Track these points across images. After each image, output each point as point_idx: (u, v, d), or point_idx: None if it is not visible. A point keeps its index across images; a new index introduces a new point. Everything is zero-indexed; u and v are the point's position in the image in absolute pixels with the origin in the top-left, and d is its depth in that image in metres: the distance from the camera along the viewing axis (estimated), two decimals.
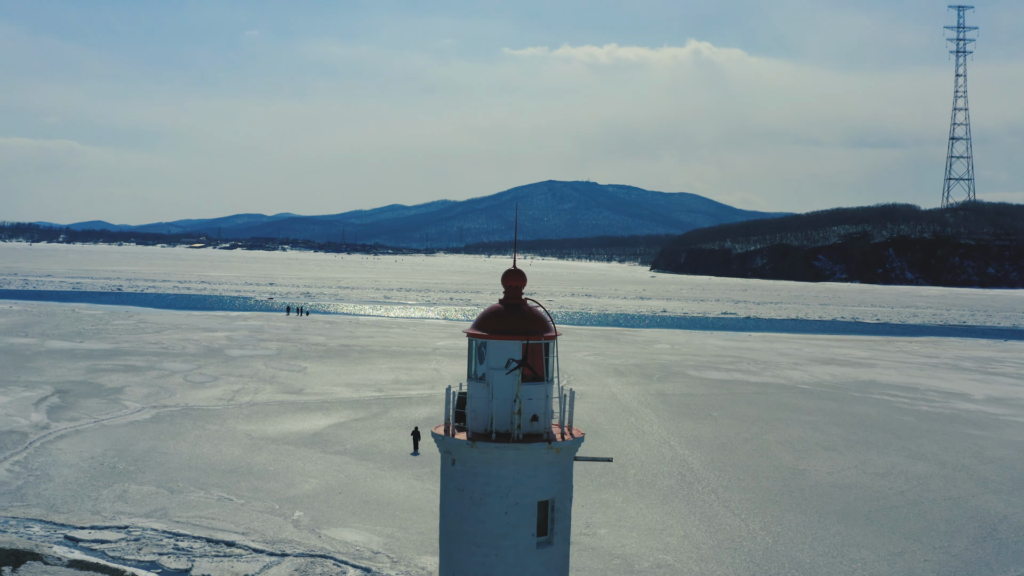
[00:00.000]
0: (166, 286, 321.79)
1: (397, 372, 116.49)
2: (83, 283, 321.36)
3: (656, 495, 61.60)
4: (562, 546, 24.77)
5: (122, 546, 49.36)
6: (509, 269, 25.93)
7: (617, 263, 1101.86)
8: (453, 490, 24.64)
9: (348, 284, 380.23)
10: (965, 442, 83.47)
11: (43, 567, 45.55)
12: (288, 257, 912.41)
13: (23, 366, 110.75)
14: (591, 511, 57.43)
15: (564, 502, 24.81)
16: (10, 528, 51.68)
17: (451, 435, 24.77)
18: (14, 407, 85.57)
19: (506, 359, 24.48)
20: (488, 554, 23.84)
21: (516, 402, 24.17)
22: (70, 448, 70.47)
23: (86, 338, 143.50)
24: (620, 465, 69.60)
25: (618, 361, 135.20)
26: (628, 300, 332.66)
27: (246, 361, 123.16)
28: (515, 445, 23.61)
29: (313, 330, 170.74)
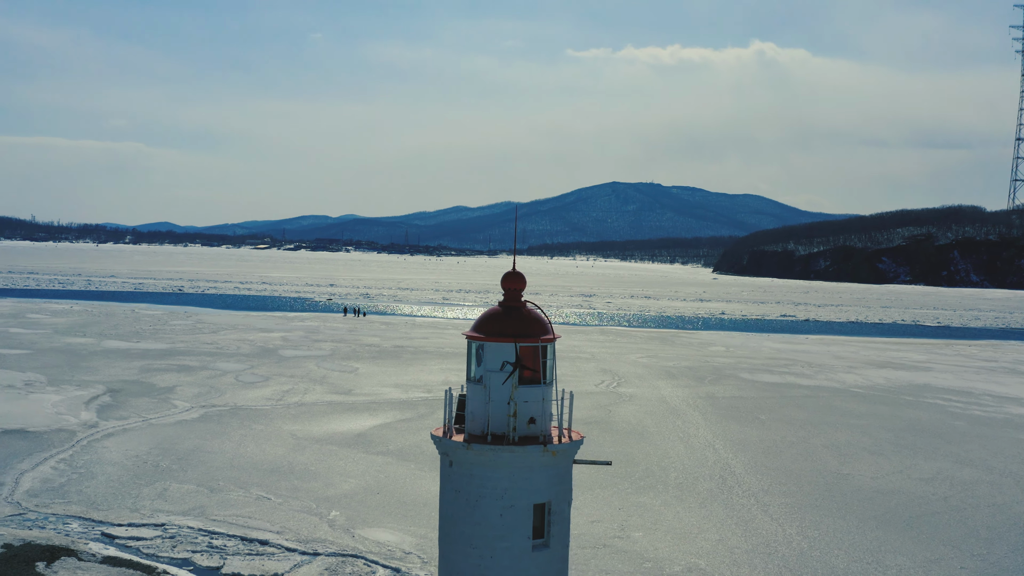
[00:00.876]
0: (227, 287, 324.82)
1: (448, 373, 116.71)
2: (145, 284, 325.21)
3: (695, 498, 61.24)
4: (559, 549, 24.66)
5: (157, 543, 49.89)
6: (508, 271, 25.92)
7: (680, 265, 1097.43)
8: (450, 492, 24.65)
9: (407, 285, 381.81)
10: (1015, 448, 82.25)
11: (76, 563, 46.13)
12: (351, 258, 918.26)
13: (78, 365, 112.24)
14: (627, 514, 57.21)
15: (562, 505, 24.66)
16: (49, 524, 52.42)
17: (449, 437, 24.76)
18: (65, 406, 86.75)
19: (501, 361, 24.47)
20: (484, 556, 23.81)
21: (510, 404, 24.13)
22: (116, 446, 71.32)
23: (143, 338, 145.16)
24: (662, 468, 69.34)
25: (671, 363, 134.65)
26: (687, 302, 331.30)
27: (299, 361, 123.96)
28: (510, 447, 23.57)
29: (368, 331, 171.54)
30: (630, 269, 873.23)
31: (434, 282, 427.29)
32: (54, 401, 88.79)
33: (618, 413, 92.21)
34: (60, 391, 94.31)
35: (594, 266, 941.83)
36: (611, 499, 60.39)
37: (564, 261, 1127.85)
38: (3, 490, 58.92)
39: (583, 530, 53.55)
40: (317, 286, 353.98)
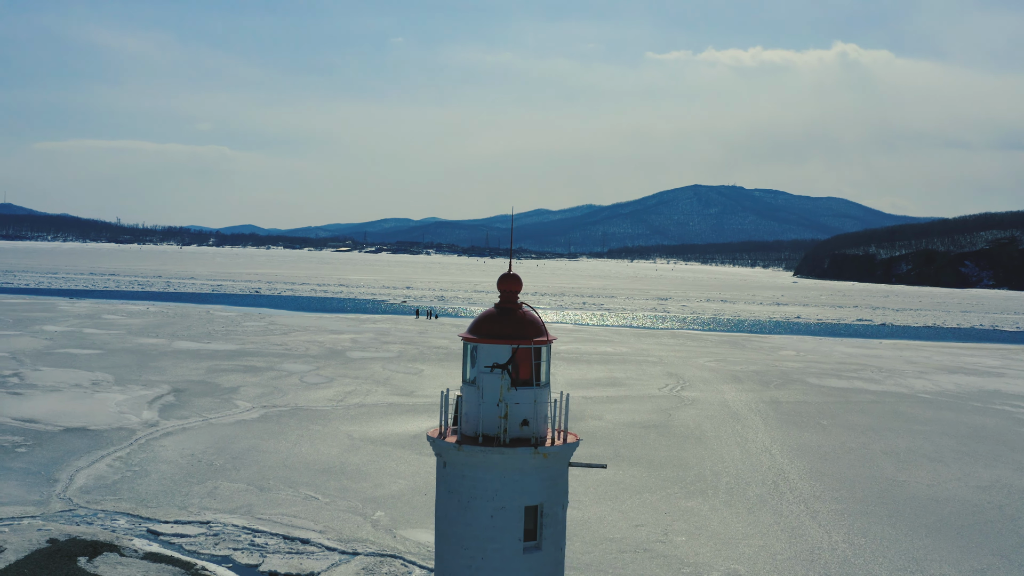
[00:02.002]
0: (304, 289, 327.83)
1: None
2: (223, 285, 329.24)
3: (743, 504, 60.69)
4: (552, 552, 24.52)
5: (200, 541, 50.48)
6: (504, 273, 25.90)
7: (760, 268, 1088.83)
8: (444, 492, 24.68)
9: (483, 288, 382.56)
10: None
11: (118, 558, 46.80)
12: (431, 261, 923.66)
13: (146, 365, 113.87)
14: (672, 519, 56.85)
15: (555, 507, 24.53)
16: (96, 520, 53.25)
17: (443, 438, 24.77)
18: (128, 405, 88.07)
19: (492, 363, 24.44)
20: (475, 557, 23.78)
21: (500, 406, 24.08)
22: (173, 445, 72.27)
23: (213, 339, 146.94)
24: (714, 473, 68.82)
25: (738, 367, 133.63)
26: (764, 306, 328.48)
27: (365, 363, 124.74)
28: (500, 449, 23.52)
29: (438, 333, 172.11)
30: (710, 272, 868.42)
31: None
32: (118, 400, 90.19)
33: (678, 417, 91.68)
34: (125, 390, 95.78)
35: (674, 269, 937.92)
36: (658, 504, 60.07)
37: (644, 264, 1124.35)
38: (57, 486, 59.95)
39: (625, 534, 53.36)
40: (393, 288, 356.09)
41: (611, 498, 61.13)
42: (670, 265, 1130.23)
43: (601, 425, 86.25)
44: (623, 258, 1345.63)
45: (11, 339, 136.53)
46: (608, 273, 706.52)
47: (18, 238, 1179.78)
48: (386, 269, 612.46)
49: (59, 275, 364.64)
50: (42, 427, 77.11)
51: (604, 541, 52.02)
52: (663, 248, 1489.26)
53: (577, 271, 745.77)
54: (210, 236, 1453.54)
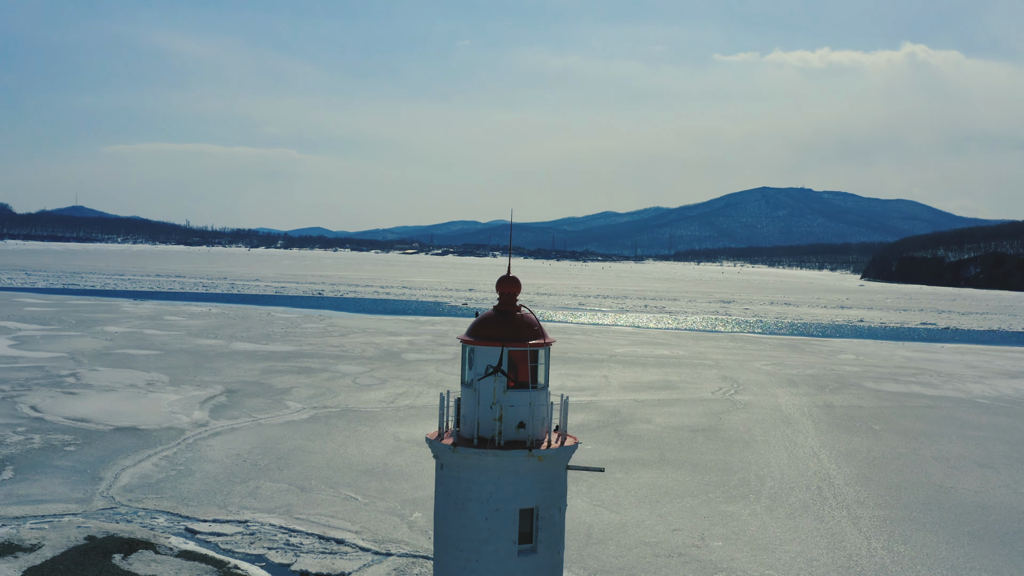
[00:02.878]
0: (366, 291, 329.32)
1: (565, 378, 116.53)
2: (287, 287, 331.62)
3: (785, 509, 60.08)
4: (548, 555, 24.34)
5: (236, 539, 50.84)
6: (503, 276, 25.75)
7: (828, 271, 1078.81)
8: (441, 494, 24.64)
9: (546, 290, 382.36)
10: None
11: (153, 556, 47.26)
12: (497, 263, 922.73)
13: (202, 366, 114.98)
14: (711, 523, 56.41)
15: (551, 511, 24.32)
16: (136, 519, 53.82)
17: (441, 440, 24.71)
18: (180, 405, 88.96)
19: (486, 366, 24.34)
20: (470, 559, 23.70)
21: (493, 407, 23.99)
22: (220, 445, 72.88)
23: (271, 340, 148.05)
24: (759, 478, 68.23)
25: (795, 371, 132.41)
26: (827, 309, 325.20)
27: (419, 365, 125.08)
28: (494, 451, 23.41)
29: None
30: (776, 275, 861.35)
31: (573, 287, 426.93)
32: (171, 400, 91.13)
33: (728, 421, 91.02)
34: (179, 391, 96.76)
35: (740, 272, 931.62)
36: (698, 508, 59.64)
37: (710, 267, 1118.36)
38: (101, 485, 60.68)
39: (661, 538, 53.03)
40: (456, 291, 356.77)
41: (651, 502, 60.79)
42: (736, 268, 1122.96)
43: (649, 428, 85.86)
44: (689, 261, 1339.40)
45: (72, 340, 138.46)
46: (673, 276, 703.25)
47: (89, 240, 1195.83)
48: (450, 271, 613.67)
49: (125, 277, 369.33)
50: (93, 426, 78.10)
51: (640, 545, 51.72)
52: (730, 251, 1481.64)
53: (642, 274, 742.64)
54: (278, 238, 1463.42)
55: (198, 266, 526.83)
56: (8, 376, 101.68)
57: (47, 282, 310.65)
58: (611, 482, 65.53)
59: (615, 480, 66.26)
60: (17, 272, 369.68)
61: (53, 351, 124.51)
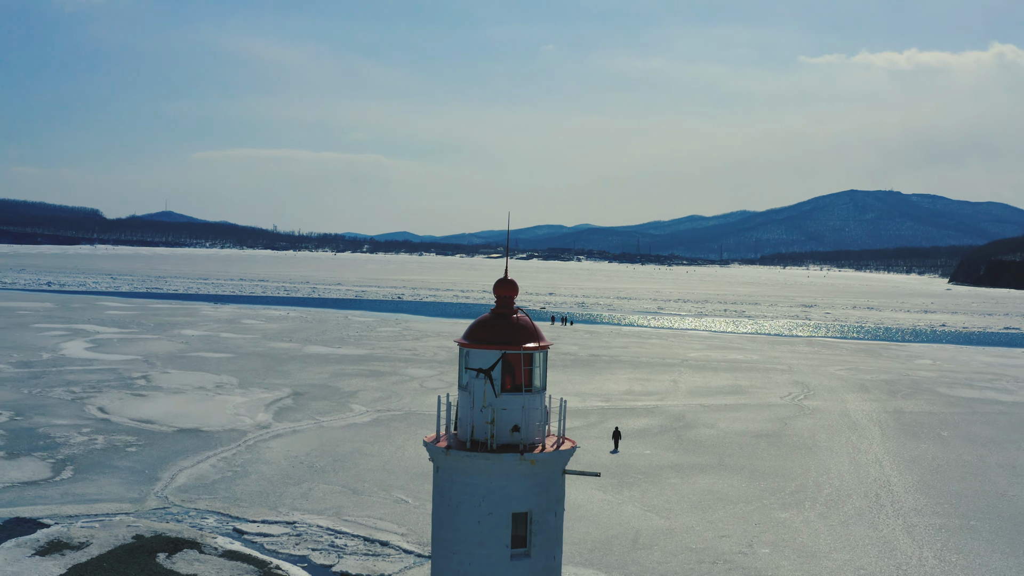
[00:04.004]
0: (446, 295, 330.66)
1: (633, 383, 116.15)
2: (367, 292, 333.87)
3: (839, 517, 59.27)
4: (543, 560, 24.20)
5: (282, 540, 51.31)
6: (500, 279, 25.77)
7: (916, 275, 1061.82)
8: (437, 496, 24.68)
9: (627, 294, 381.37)
10: None
11: (197, 555, 47.84)
12: (580, 267, 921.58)
13: (273, 369, 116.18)
14: (761, 529, 55.81)
15: (545, 515, 24.19)
16: (187, 518, 54.53)
17: (437, 442, 24.73)
18: (245, 407, 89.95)
19: (477, 368, 24.33)
20: (463, 562, 23.69)
21: (484, 410, 23.97)
22: (279, 447, 73.61)
23: (345, 344, 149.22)
24: (816, 484, 67.43)
25: (868, 376, 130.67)
26: (910, 314, 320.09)
27: None
28: (485, 455, 23.38)
29: (570, 339, 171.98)
30: (863, 279, 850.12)
31: (655, 291, 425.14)
32: (236, 403, 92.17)
33: (793, 426, 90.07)
34: (246, 394, 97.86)
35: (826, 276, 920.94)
36: (750, 514, 59.05)
37: (796, 271, 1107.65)
38: (157, 485, 61.57)
39: (708, 544, 52.60)
40: (536, 295, 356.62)
41: (703, 508, 60.32)
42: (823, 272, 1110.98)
43: (711, 434, 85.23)
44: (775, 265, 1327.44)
45: (148, 343, 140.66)
46: (757, 280, 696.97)
47: (177, 245, 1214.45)
48: (533, 275, 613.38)
49: (209, 280, 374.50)
50: (157, 428, 79.27)
51: (685, 551, 51.33)
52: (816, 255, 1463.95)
53: (726, 278, 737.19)
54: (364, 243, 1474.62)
55: (282, 270, 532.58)
56: (80, 378, 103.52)
57: (131, 286, 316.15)
58: (665, 487, 65.18)
59: (669, 485, 65.88)
60: (103, 276, 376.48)
61: (128, 354, 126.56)
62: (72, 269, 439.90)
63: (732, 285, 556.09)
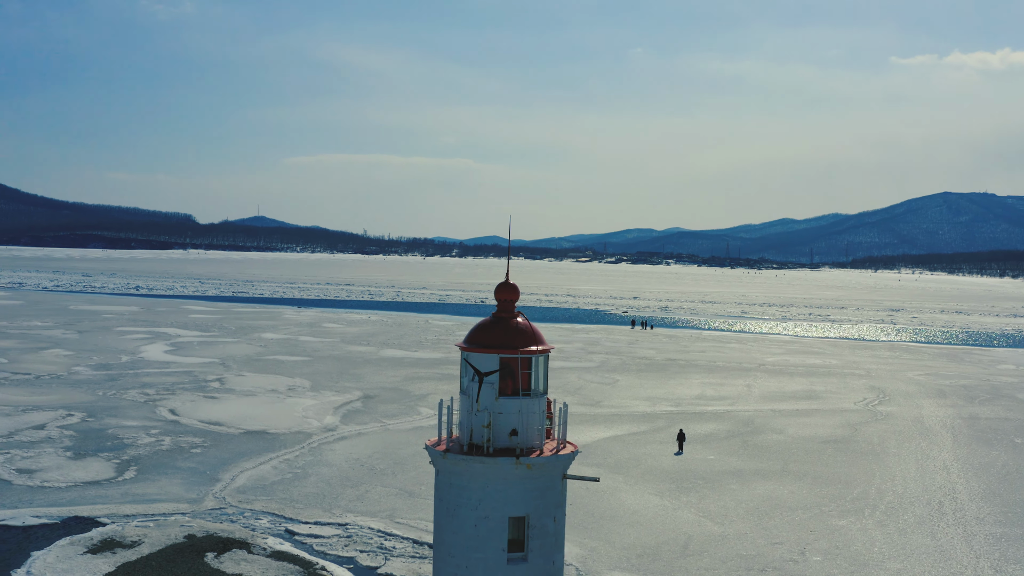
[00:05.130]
0: (530, 299, 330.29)
1: (706, 387, 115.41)
2: (451, 296, 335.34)
3: (897, 525, 58.35)
4: (540, 564, 24.13)
5: (332, 542, 51.75)
6: (501, 283, 25.77)
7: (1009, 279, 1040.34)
8: (437, 499, 24.83)
9: (711, 298, 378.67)
10: None
11: (245, 555, 48.44)
12: (668, 271, 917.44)
13: (347, 372, 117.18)
14: (816, 537, 55.13)
15: (543, 520, 24.13)
16: (241, 519, 55.23)
17: (438, 446, 24.81)
18: (314, 410, 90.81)
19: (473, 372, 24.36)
20: (460, 565, 23.75)
21: (479, 414, 23.99)
22: (342, 449, 74.26)
23: (422, 347, 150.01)
24: (879, 491, 66.47)
25: (947, 382, 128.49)
26: (999, 318, 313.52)
27: (562, 373, 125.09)
28: (480, 458, 23.42)
29: (648, 343, 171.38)
30: (954, 283, 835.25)
31: (740, 295, 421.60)
32: (306, 406, 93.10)
33: (863, 432, 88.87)
34: (317, 396, 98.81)
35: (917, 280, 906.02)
36: (807, 522, 58.36)
37: (887, 275, 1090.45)
38: (216, 486, 62.41)
39: (759, 551, 52.09)
40: (620, 298, 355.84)
41: (760, 514, 59.74)
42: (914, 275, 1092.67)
43: (779, 439, 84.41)
44: (866, 268, 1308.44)
45: (227, 346, 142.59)
46: (846, 284, 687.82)
47: (268, 249, 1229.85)
48: (619, 279, 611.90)
49: (295, 285, 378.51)
50: (224, 429, 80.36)
51: (735, 558, 50.89)
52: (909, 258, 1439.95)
53: (815, 281, 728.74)
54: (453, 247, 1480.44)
55: (369, 274, 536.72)
56: (156, 380, 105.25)
57: (217, 290, 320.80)
58: (723, 493, 64.68)
59: (728, 491, 65.36)
60: (191, 280, 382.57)
61: (205, 356, 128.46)
62: (162, 273, 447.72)
63: (820, 289, 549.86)
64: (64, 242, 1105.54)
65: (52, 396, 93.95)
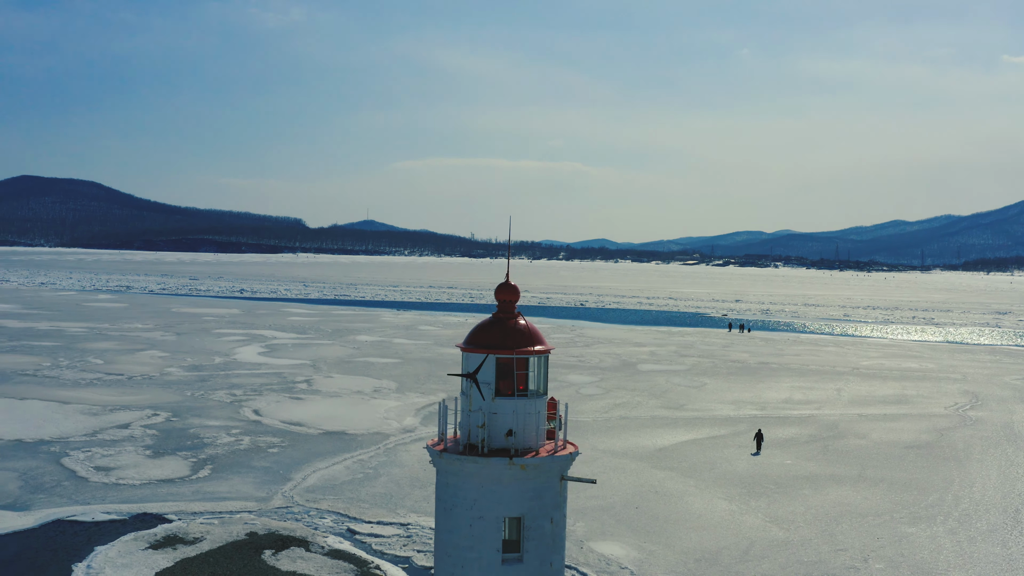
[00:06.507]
0: (630, 302, 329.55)
1: (793, 391, 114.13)
2: (552, 298, 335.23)
3: (968, 533, 57.16)
4: (537, 566, 24.07)
5: (390, 541, 52.26)
6: (502, 283, 25.83)
7: None
8: (437, 499, 24.99)
9: (814, 302, 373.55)
10: None
11: (302, 553, 49.18)
12: (776, 274, 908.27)
13: (433, 375, 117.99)
14: (881, 544, 54.27)
15: (539, 521, 24.07)
16: (305, 518, 56.08)
17: (437, 446, 24.97)
18: (395, 411, 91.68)
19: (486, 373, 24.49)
20: (456, 564, 23.85)
21: (473, 414, 24.09)
22: (416, 450, 74.94)
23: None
24: (955, 498, 65.21)
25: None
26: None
27: (650, 376, 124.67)
28: (474, 458, 23.50)
29: (743, 347, 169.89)
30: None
31: (845, 298, 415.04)
32: (388, 407, 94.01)
33: (949, 438, 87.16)
34: (401, 398, 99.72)
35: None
36: (875, 528, 57.45)
37: (1000, 277, 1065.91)
38: (287, 485, 63.39)
39: (822, 558, 51.48)
40: (722, 302, 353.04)
41: (828, 520, 58.98)
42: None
43: (860, 444, 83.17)
44: (979, 270, 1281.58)
45: (320, 348, 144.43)
46: (955, 286, 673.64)
47: (377, 253, 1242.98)
48: (724, 282, 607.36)
49: (398, 287, 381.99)
50: (304, 430, 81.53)
51: (794, 564, 50.34)
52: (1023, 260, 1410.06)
53: (923, 284, 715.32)
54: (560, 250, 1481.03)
55: (473, 277, 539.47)
56: (244, 382, 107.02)
57: (320, 293, 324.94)
58: (794, 498, 63.98)
59: (800, 496, 64.62)
60: (295, 283, 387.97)
61: (297, 358, 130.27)
62: (268, 277, 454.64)
63: (928, 292, 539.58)
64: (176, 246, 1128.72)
65: (141, 396, 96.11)
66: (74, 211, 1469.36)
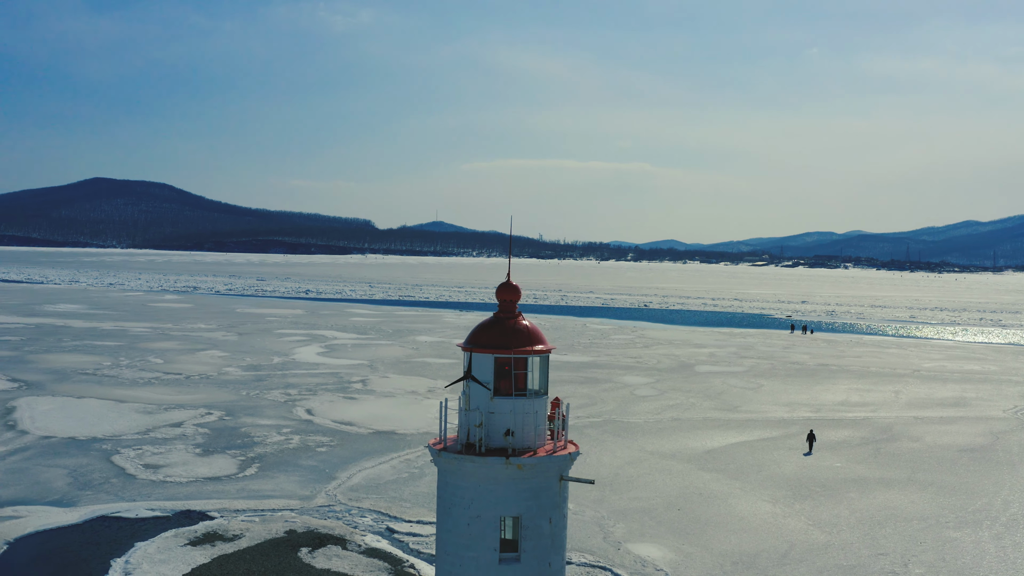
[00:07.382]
0: (695, 304, 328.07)
1: (850, 393, 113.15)
2: (616, 299, 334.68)
3: (1014, 539, 56.33)
4: (534, 566, 24.20)
5: (428, 540, 52.59)
6: (503, 283, 26.00)
7: None
8: (437, 498, 25.23)
9: (881, 303, 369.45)
10: None
11: (338, 551, 49.68)
12: (845, 275, 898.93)
13: None
14: (923, 548, 53.72)
15: (537, 520, 24.19)
16: (346, 516, 56.59)
17: (437, 445, 25.21)
18: (436, 412, 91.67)
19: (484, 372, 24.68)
20: (454, 563, 24.07)
21: (470, 413, 24.27)
22: None
23: (571, 351, 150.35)
24: (1004, 502, 64.33)
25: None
26: None
27: (707, 377, 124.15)
28: (471, 458, 23.70)
29: (804, 348, 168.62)
30: None
31: (913, 300, 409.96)
32: (430, 406, 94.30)
33: (1005, 441, 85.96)
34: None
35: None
36: (919, 533, 56.85)
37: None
38: (331, 484, 63.98)
39: (861, 562, 51.07)
40: (788, 303, 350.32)
41: (871, 524, 58.47)
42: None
43: (913, 447, 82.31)
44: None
45: (379, 348, 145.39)
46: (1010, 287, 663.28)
47: (445, 254, 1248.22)
48: (792, 284, 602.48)
49: (463, 288, 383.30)
50: (354, 429, 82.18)
51: (833, 567, 49.99)
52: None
53: (994, 285, 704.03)
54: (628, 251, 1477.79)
55: (540, 278, 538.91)
56: (300, 381, 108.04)
57: (385, 294, 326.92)
58: (839, 501, 63.50)
59: (845, 500, 64.12)
60: (361, 284, 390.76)
61: (355, 359, 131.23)
62: (335, 278, 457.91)
63: (998, 293, 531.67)
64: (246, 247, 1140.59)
65: (197, 395, 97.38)
66: (146, 213, 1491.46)
